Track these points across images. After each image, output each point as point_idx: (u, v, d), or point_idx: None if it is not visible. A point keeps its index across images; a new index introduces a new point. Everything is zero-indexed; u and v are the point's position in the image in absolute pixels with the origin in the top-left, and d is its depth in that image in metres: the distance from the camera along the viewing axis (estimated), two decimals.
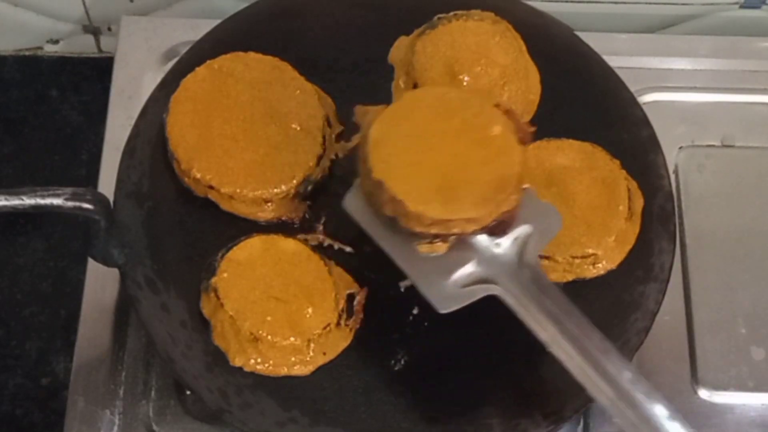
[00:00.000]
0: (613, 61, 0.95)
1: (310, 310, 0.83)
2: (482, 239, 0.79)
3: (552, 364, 0.84)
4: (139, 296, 0.85)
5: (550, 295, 0.78)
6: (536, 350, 0.84)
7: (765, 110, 1.03)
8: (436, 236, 0.77)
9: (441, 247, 0.79)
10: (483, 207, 0.76)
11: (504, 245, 0.79)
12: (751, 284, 0.95)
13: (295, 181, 0.87)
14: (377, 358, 0.84)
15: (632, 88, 0.94)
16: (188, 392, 0.88)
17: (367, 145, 0.78)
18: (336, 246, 0.87)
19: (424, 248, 0.79)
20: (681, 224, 0.96)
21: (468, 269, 0.79)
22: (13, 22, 1.09)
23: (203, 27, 0.96)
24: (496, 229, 0.78)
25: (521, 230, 0.79)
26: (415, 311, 0.85)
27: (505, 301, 0.79)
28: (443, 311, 0.78)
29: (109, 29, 1.10)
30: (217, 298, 0.83)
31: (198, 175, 0.87)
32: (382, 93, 0.93)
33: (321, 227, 0.88)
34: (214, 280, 0.84)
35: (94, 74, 1.10)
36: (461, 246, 0.79)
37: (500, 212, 0.77)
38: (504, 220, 0.78)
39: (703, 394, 0.91)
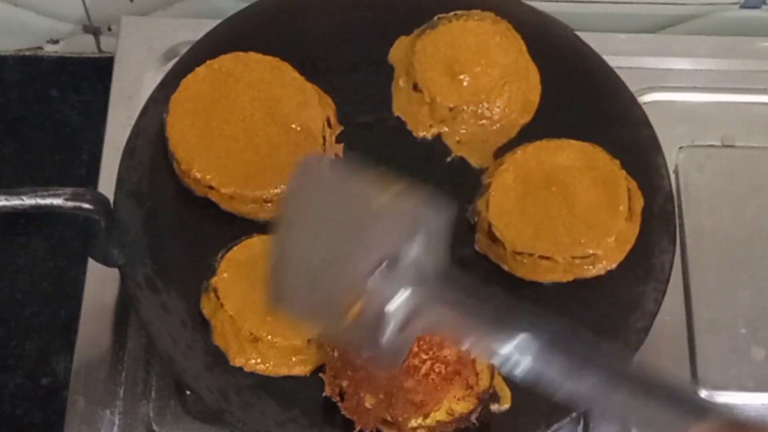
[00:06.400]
0: (613, 61, 0.95)
1: None
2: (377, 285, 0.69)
3: None
4: (139, 296, 0.85)
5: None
6: None
7: (765, 110, 1.03)
8: None
9: (354, 312, 0.69)
10: None
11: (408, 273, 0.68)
12: (751, 284, 0.95)
13: None
14: None
15: (632, 88, 0.94)
16: (188, 392, 0.88)
17: None
18: None
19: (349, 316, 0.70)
20: (681, 224, 0.96)
21: (390, 322, 0.69)
22: (13, 22, 1.09)
23: (203, 27, 0.96)
24: None
25: (412, 253, 0.68)
26: None
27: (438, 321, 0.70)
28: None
29: (109, 29, 1.10)
30: (217, 298, 0.83)
31: (198, 175, 0.87)
32: (382, 93, 0.93)
33: None
34: (214, 280, 0.84)
35: (94, 74, 1.10)
36: (371, 301, 0.69)
37: None
38: None
39: (703, 394, 0.91)
